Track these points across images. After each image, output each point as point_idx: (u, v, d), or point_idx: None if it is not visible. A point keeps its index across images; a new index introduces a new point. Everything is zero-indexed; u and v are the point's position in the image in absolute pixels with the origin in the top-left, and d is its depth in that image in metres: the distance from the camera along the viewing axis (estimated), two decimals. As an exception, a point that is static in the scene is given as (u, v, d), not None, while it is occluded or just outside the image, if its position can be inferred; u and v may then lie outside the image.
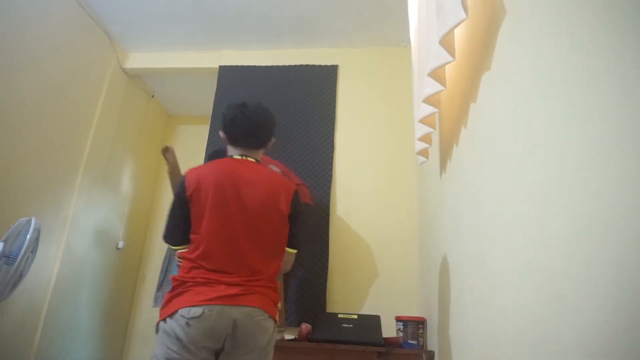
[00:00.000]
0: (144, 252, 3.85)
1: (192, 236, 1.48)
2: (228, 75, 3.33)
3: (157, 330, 1.41)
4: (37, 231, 1.99)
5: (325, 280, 2.67)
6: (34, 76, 2.59)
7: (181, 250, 1.52)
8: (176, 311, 1.36)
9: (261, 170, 1.61)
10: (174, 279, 1.46)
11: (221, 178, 1.53)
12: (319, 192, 2.88)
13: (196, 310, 1.35)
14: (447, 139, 1.68)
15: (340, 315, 2.19)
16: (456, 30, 1.34)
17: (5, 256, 1.87)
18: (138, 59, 3.52)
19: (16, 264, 1.87)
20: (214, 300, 1.36)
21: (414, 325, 2.19)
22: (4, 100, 2.38)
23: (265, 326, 1.42)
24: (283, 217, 1.54)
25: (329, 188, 2.89)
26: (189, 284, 1.41)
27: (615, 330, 0.54)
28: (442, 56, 1.16)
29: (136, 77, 3.66)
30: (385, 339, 2.06)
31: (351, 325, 2.12)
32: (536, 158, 0.82)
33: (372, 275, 2.67)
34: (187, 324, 1.34)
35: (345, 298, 2.65)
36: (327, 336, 2.07)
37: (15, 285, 1.95)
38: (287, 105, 3.17)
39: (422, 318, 2.23)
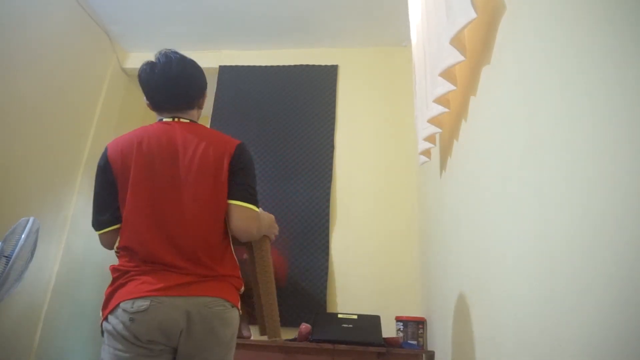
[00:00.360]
0: (144, 252, 3.85)
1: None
2: (228, 75, 3.33)
3: (102, 333, 1.20)
4: (36, 232, 1.99)
5: (326, 280, 2.67)
6: (34, 76, 2.59)
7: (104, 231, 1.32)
8: (117, 305, 1.15)
9: (197, 129, 1.37)
10: (114, 269, 1.25)
11: (148, 144, 1.30)
12: (319, 192, 2.88)
13: (141, 303, 1.13)
14: (447, 135, 1.68)
15: (340, 315, 2.19)
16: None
17: (4, 256, 1.87)
18: (138, 59, 3.51)
19: (10, 264, 1.85)
20: (162, 291, 1.14)
21: (414, 325, 2.19)
22: (4, 100, 2.38)
23: (227, 317, 1.19)
24: (224, 180, 1.29)
25: (329, 188, 2.89)
26: (131, 273, 1.20)
27: (615, 329, 0.54)
28: (453, 56, 1.16)
29: (136, 77, 3.65)
30: (385, 339, 2.06)
31: (351, 325, 2.12)
32: (536, 158, 0.82)
33: (372, 275, 2.67)
34: (132, 320, 1.12)
35: (345, 298, 2.65)
36: (327, 336, 2.07)
37: (12, 285, 1.94)
38: (287, 105, 3.17)
39: (422, 318, 2.23)
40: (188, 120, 1.41)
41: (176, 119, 1.39)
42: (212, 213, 1.26)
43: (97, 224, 1.34)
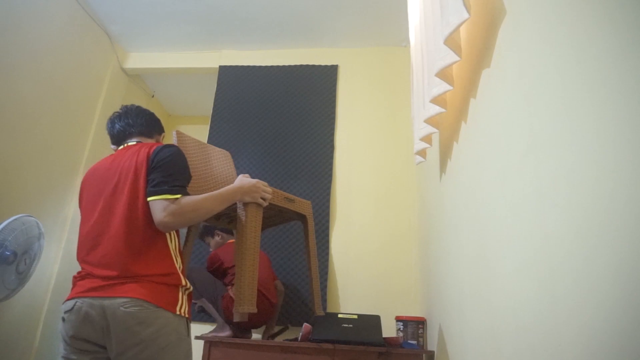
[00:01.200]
0: (144, 252, 3.85)
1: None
2: (228, 75, 3.33)
3: None
4: (27, 231, 2.03)
5: (326, 280, 2.67)
6: (34, 76, 2.59)
7: None
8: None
9: (133, 146, 1.53)
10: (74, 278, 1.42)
11: (96, 168, 1.52)
12: (319, 192, 2.88)
13: (68, 304, 1.29)
14: (447, 137, 1.68)
15: (340, 315, 2.19)
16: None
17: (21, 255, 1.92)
18: (138, 59, 3.52)
19: (34, 265, 1.94)
20: (85, 293, 1.27)
21: (414, 325, 2.20)
22: (4, 100, 2.38)
23: (144, 317, 1.22)
24: (142, 185, 1.35)
25: (329, 188, 2.89)
26: (75, 279, 1.39)
27: (615, 329, 0.54)
28: (449, 56, 1.16)
29: (136, 77, 3.66)
30: (385, 339, 2.06)
31: (351, 325, 2.12)
32: (536, 158, 0.82)
33: (372, 275, 2.67)
34: (63, 319, 1.29)
35: (345, 298, 2.65)
36: (327, 336, 2.07)
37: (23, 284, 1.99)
38: (287, 105, 3.17)
39: (422, 318, 2.23)
40: (133, 142, 1.59)
41: (123, 145, 1.61)
42: (129, 220, 1.34)
43: None
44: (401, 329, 2.21)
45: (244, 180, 1.52)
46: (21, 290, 2.11)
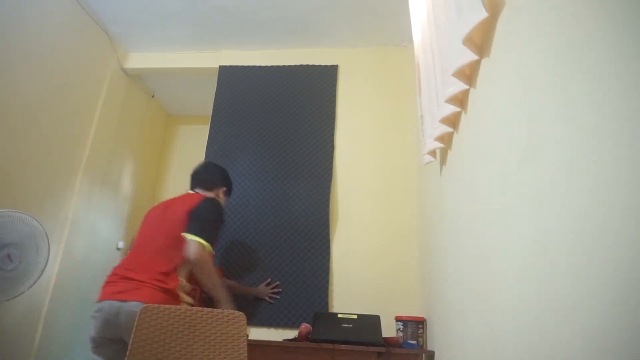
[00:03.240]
0: (144, 252, 3.85)
1: None
2: (228, 75, 3.33)
3: None
4: (20, 229, 2.03)
5: (327, 280, 2.67)
6: (33, 76, 2.59)
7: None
8: None
9: (189, 195, 2.11)
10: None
11: (158, 206, 2.11)
12: (319, 192, 2.88)
13: (98, 305, 1.72)
14: (448, 135, 1.68)
15: (340, 315, 2.19)
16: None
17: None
18: (138, 59, 3.52)
19: (45, 266, 2.08)
20: (107, 296, 1.70)
21: (414, 325, 2.20)
22: (4, 100, 2.38)
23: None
24: (181, 220, 1.85)
25: (329, 188, 2.89)
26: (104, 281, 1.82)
27: (614, 330, 0.54)
28: (466, 55, 1.16)
29: (136, 77, 3.66)
30: (385, 339, 2.06)
31: (351, 325, 2.12)
32: (536, 158, 0.82)
33: (372, 275, 2.67)
34: (93, 317, 1.71)
35: (345, 298, 2.65)
36: (327, 336, 2.07)
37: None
38: (287, 105, 3.17)
39: (422, 318, 2.23)
40: (193, 192, 2.17)
41: (187, 192, 2.19)
42: (162, 248, 1.83)
43: None
44: (401, 329, 2.21)
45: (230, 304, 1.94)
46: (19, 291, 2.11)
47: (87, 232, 3.06)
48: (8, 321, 2.37)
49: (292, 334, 2.41)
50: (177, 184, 4.05)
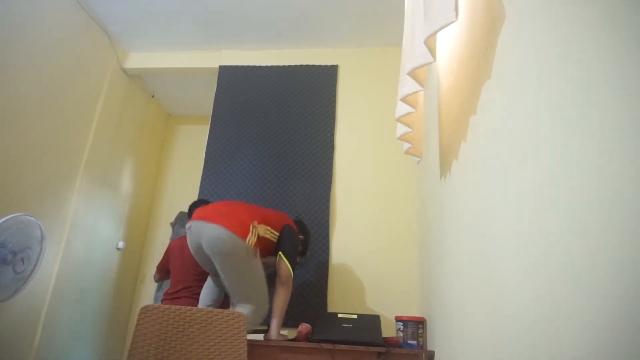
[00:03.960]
0: (144, 252, 3.85)
1: None
2: (228, 75, 3.33)
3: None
4: (21, 229, 2.03)
5: (326, 280, 2.67)
6: (33, 76, 2.59)
7: None
8: None
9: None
10: None
11: None
12: (319, 192, 2.88)
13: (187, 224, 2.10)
14: (447, 137, 1.68)
15: (340, 315, 2.19)
16: (455, 37, 1.34)
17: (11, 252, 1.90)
18: (138, 59, 3.52)
19: (36, 267, 1.96)
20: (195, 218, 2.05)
21: (414, 325, 2.19)
22: (3, 100, 2.38)
23: (225, 238, 1.95)
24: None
25: (329, 188, 2.89)
26: None
27: (615, 331, 0.54)
28: (424, 56, 1.16)
29: (136, 77, 3.66)
30: (385, 339, 2.06)
31: (351, 325, 2.12)
32: (536, 158, 0.82)
33: (372, 275, 2.67)
34: (188, 228, 2.08)
35: (345, 298, 2.65)
36: (327, 336, 2.07)
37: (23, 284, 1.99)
38: (287, 105, 3.17)
39: (422, 318, 2.23)
40: None
41: None
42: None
43: None
44: (401, 329, 2.21)
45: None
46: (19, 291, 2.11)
47: (87, 232, 3.06)
48: (8, 321, 2.37)
49: (291, 333, 2.41)
50: (177, 184, 4.05)
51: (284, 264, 2.11)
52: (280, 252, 2.14)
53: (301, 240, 2.38)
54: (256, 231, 2.05)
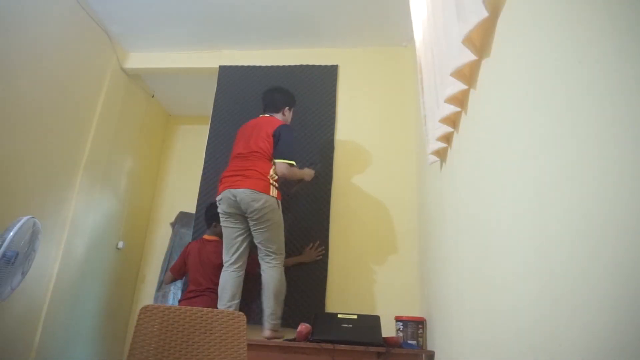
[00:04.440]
0: (144, 252, 3.85)
1: None
2: (228, 75, 3.33)
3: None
4: (31, 226, 2.02)
5: (325, 280, 2.67)
6: (33, 76, 2.59)
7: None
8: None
9: (266, 119, 2.62)
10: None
11: (246, 124, 2.67)
12: (319, 192, 2.88)
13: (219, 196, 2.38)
14: (448, 136, 1.68)
15: (340, 315, 2.19)
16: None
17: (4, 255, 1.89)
18: (138, 59, 3.52)
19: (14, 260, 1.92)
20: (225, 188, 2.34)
21: (414, 325, 2.19)
22: (4, 100, 2.38)
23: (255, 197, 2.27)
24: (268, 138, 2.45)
25: (329, 188, 2.89)
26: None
27: (615, 330, 0.54)
28: (465, 54, 1.16)
29: (136, 77, 3.66)
30: (385, 339, 2.06)
31: (351, 325, 2.12)
32: (536, 158, 0.82)
33: (372, 275, 2.67)
34: (219, 203, 2.38)
35: (345, 298, 2.65)
36: (326, 336, 2.07)
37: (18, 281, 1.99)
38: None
39: (422, 318, 2.23)
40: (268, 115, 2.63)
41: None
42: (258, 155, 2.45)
43: None
44: (401, 329, 2.21)
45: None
46: (21, 290, 2.12)
47: (87, 232, 3.06)
48: (8, 321, 2.37)
49: (290, 334, 2.41)
50: (177, 184, 4.05)
51: (279, 164, 2.35)
52: (274, 160, 2.38)
53: (287, 107, 2.64)
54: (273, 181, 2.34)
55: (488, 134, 1.14)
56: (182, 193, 3.88)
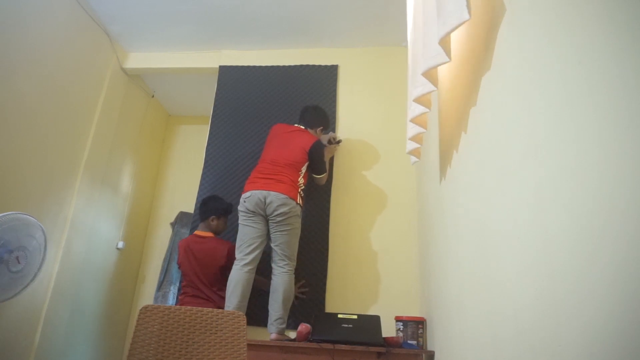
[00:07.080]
0: (144, 252, 3.85)
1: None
2: (228, 75, 3.33)
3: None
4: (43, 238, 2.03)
5: (325, 280, 2.67)
6: (34, 76, 2.59)
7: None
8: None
9: (302, 132, 2.75)
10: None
11: (280, 127, 2.81)
12: (319, 192, 2.88)
13: (246, 194, 2.45)
14: (448, 137, 1.68)
15: (340, 316, 2.19)
16: (455, 31, 1.34)
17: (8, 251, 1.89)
18: (138, 59, 3.52)
19: (40, 269, 1.94)
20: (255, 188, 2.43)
21: (414, 325, 2.20)
22: (4, 100, 2.38)
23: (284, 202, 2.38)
24: (301, 153, 2.61)
25: (330, 189, 2.89)
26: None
27: (615, 330, 0.54)
28: (439, 56, 1.16)
29: (136, 77, 3.66)
30: (385, 339, 2.06)
31: (351, 326, 2.12)
32: (536, 158, 0.82)
33: (372, 276, 2.67)
34: (244, 201, 2.44)
35: (345, 298, 2.65)
36: (327, 336, 2.07)
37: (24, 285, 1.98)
38: (287, 105, 3.17)
39: (422, 318, 2.23)
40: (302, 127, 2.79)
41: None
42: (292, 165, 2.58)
43: None
44: (401, 329, 2.21)
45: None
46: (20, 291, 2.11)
47: (87, 232, 3.06)
48: (8, 321, 2.37)
49: (290, 334, 2.41)
50: (177, 184, 4.05)
51: (317, 179, 2.66)
52: (313, 175, 2.63)
53: (321, 128, 2.78)
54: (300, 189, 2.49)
55: (488, 135, 1.14)
56: (182, 193, 3.88)
